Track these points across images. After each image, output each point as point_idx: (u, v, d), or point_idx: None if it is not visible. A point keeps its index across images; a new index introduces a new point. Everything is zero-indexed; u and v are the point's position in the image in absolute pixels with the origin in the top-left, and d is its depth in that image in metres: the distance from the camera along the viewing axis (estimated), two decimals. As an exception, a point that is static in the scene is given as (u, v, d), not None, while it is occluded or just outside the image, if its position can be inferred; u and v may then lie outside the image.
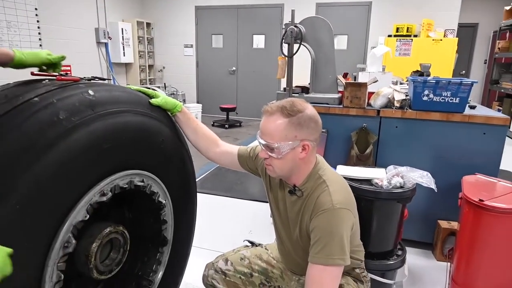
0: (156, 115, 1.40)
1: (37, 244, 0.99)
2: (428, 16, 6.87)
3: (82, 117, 1.07)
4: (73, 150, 1.02)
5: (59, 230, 1.03)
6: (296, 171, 1.38)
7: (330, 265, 1.26)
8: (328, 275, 1.27)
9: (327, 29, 2.88)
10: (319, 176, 1.39)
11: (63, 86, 1.12)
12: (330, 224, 1.29)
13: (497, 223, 1.89)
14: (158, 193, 1.43)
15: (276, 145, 1.29)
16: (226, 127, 7.76)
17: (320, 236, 1.29)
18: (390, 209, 1.99)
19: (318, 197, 1.34)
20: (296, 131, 1.29)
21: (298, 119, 1.29)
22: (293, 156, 1.32)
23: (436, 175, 2.00)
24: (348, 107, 2.71)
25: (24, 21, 6.00)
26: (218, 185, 4.31)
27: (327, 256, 1.26)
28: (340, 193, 1.36)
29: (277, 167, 1.35)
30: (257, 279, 1.66)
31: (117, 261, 1.33)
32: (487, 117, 2.45)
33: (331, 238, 1.27)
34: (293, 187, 1.42)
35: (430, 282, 2.44)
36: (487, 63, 9.76)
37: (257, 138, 1.36)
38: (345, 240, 1.28)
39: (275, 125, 1.30)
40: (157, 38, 9.16)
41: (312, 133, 1.33)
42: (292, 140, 1.29)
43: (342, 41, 7.82)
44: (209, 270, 1.69)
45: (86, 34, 7.40)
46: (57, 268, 1.04)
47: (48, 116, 1.00)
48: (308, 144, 1.32)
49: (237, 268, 1.66)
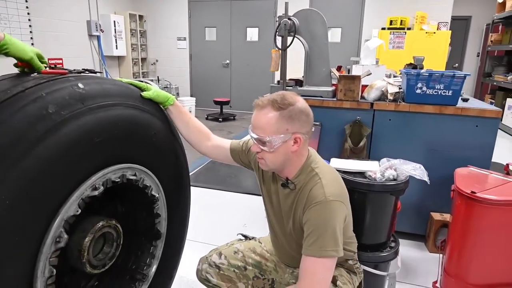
0: (147, 108, 1.39)
1: (28, 239, 0.98)
2: (421, 9, 6.87)
3: (71, 111, 1.05)
4: (63, 144, 1.01)
5: (51, 225, 1.02)
6: (288, 164, 1.38)
7: (324, 257, 1.27)
8: (321, 266, 1.28)
9: (320, 22, 2.87)
10: (311, 168, 1.39)
11: (52, 79, 1.10)
12: (323, 216, 1.29)
13: (488, 215, 1.90)
14: (151, 187, 1.42)
15: (268, 138, 1.29)
16: (220, 120, 7.74)
17: (313, 228, 1.29)
18: (383, 201, 2.00)
19: (311, 190, 1.34)
20: (287, 124, 1.29)
21: (289, 112, 1.29)
22: (285, 149, 1.32)
23: (429, 167, 2.01)
24: (342, 100, 2.71)
25: (15, 13, 5.91)
26: (212, 178, 4.30)
27: (320, 248, 1.26)
28: (333, 185, 1.36)
29: (269, 161, 1.35)
30: (251, 272, 1.66)
31: (111, 255, 1.32)
32: (480, 109, 2.47)
33: (324, 230, 1.27)
34: (286, 180, 1.42)
35: (422, 273, 2.47)
36: (480, 56, 9.82)
37: (249, 132, 1.36)
38: (338, 232, 1.29)
39: (266, 119, 1.29)
40: (150, 31, 9.08)
41: (303, 126, 1.33)
42: (283, 133, 1.29)
43: (336, 33, 7.81)
44: (203, 264, 1.69)
45: (78, 27, 7.31)
46: (49, 263, 1.03)
47: (37, 110, 0.98)
48: (300, 137, 1.32)
49: (231, 262, 1.66)
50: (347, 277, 1.53)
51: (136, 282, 1.51)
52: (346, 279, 1.52)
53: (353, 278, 1.57)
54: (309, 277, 1.28)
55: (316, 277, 1.27)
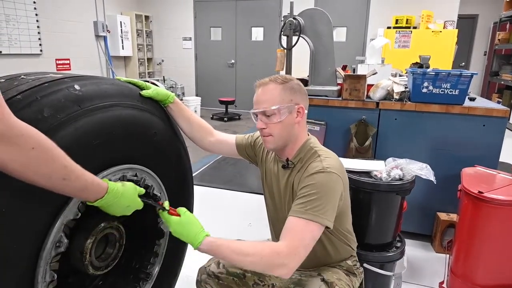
0: (147, 107, 1.37)
1: (28, 244, 0.96)
2: (427, 8, 6.82)
3: (68, 114, 1.02)
4: (60, 147, 0.97)
5: (50, 229, 1.00)
6: (293, 138, 1.41)
7: (315, 222, 1.21)
8: (310, 232, 1.22)
9: (326, 21, 2.86)
10: (311, 147, 1.42)
11: (48, 81, 1.07)
12: (324, 183, 1.27)
13: (496, 215, 1.89)
14: (152, 186, 1.41)
15: (275, 107, 1.33)
16: (225, 120, 7.75)
17: (309, 191, 1.26)
18: (389, 201, 1.99)
19: (310, 164, 1.35)
20: (291, 95, 1.36)
21: (290, 84, 1.38)
22: (290, 120, 1.37)
23: (435, 167, 2.00)
24: (347, 100, 2.70)
25: (23, 15, 5.97)
26: (217, 178, 4.31)
27: (316, 211, 1.22)
28: (333, 161, 1.35)
29: (277, 133, 1.37)
30: (250, 279, 1.63)
31: (113, 256, 1.31)
32: (487, 109, 2.45)
33: (321, 196, 1.24)
34: (286, 161, 1.44)
35: (429, 273, 2.45)
36: (487, 54, 9.73)
37: (252, 113, 1.40)
38: (335, 204, 1.27)
39: (271, 92, 1.36)
40: (156, 31, 9.11)
41: (304, 99, 1.42)
42: (288, 103, 1.36)
43: (341, 33, 7.79)
44: (202, 275, 1.66)
45: (85, 28, 7.36)
46: (49, 268, 1.02)
47: (32, 114, 0.95)
48: (303, 107, 1.39)
49: (229, 270, 1.63)
50: (346, 281, 1.48)
51: (140, 281, 1.51)
52: (345, 282, 1.46)
53: (352, 280, 1.52)
54: (297, 239, 1.21)
55: (304, 241, 1.21)
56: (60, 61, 6.82)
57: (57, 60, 6.76)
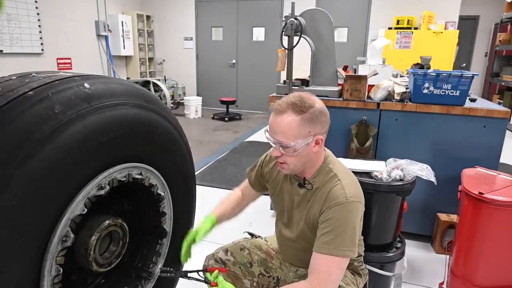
0: (153, 107, 1.38)
1: (35, 238, 0.98)
2: (428, 9, 6.82)
3: (78, 111, 1.05)
4: (69, 144, 1.01)
5: (57, 224, 1.02)
6: (309, 165, 1.39)
7: (340, 256, 1.28)
8: (336, 266, 1.29)
9: (327, 22, 2.86)
10: (329, 169, 1.40)
11: (58, 79, 1.10)
12: (344, 216, 1.30)
13: (496, 216, 1.89)
14: (156, 185, 1.43)
15: (292, 143, 1.27)
16: (226, 120, 7.75)
17: (332, 227, 1.29)
18: (390, 201, 1.99)
19: (331, 190, 1.35)
20: (309, 127, 1.28)
21: (310, 114, 1.27)
22: (307, 151, 1.32)
23: (435, 168, 2.00)
24: (348, 100, 2.70)
25: (24, 14, 5.98)
26: (218, 177, 4.31)
27: (337, 247, 1.27)
28: (352, 186, 1.37)
29: (292, 164, 1.34)
30: (257, 269, 1.66)
31: (117, 253, 1.33)
32: (488, 110, 2.45)
33: (343, 229, 1.28)
34: (303, 180, 1.43)
35: (429, 274, 2.45)
36: (488, 55, 9.72)
37: (267, 137, 1.34)
38: (356, 232, 1.31)
39: (287, 123, 1.26)
40: (157, 31, 9.12)
41: (323, 126, 1.33)
42: (306, 136, 1.28)
43: (342, 33, 7.79)
44: (209, 260, 1.69)
45: (86, 27, 7.37)
46: (55, 262, 1.04)
47: (43, 110, 0.98)
48: (321, 138, 1.33)
49: (237, 258, 1.67)
50: (351, 278, 1.53)
51: (142, 280, 1.52)
52: (350, 280, 1.52)
53: (357, 279, 1.56)
54: (324, 276, 1.28)
55: (332, 276, 1.28)
56: (61, 60, 6.83)
57: (58, 59, 6.76)
